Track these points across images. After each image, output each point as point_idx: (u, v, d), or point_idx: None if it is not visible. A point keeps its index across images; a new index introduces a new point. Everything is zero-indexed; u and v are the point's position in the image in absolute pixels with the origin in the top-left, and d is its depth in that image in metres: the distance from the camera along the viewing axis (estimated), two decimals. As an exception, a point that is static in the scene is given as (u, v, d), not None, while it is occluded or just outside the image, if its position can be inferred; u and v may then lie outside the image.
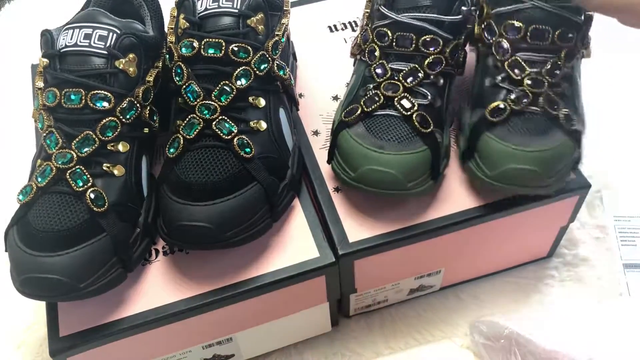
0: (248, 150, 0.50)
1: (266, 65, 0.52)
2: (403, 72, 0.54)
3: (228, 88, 0.51)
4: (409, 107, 0.52)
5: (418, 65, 0.54)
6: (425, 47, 0.54)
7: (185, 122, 0.51)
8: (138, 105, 0.51)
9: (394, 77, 0.54)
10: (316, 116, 0.63)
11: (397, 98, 0.53)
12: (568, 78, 0.54)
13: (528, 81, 0.52)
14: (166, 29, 0.58)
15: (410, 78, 0.54)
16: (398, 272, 0.59)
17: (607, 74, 0.81)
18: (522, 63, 0.53)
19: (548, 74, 0.52)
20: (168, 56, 0.54)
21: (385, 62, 0.54)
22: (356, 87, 0.56)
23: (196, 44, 0.51)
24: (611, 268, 0.66)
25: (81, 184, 0.48)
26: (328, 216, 0.55)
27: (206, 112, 0.50)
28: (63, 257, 0.46)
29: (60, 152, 0.48)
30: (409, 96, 0.53)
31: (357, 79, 0.57)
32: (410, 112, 0.52)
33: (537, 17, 0.52)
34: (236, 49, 0.51)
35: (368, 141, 0.52)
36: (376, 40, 0.55)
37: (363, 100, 0.54)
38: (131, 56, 0.51)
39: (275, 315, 0.57)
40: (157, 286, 0.52)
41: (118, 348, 0.51)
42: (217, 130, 0.50)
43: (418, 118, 0.52)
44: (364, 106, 0.53)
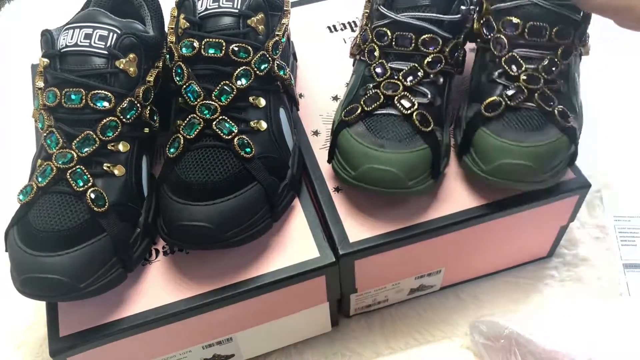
0: (248, 150, 0.50)
1: (266, 65, 0.52)
2: (403, 72, 0.54)
3: (228, 88, 0.51)
4: (409, 106, 0.52)
5: (418, 64, 0.54)
6: (424, 47, 0.54)
7: (185, 122, 0.51)
8: (138, 105, 0.51)
9: (394, 77, 0.54)
10: (316, 116, 0.63)
11: (397, 97, 0.53)
12: (565, 75, 0.54)
13: (524, 77, 0.52)
14: (166, 29, 0.58)
15: (410, 77, 0.54)
16: (398, 272, 0.59)
17: (607, 74, 0.81)
18: (519, 59, 0.53)
19: (544, 71, 0.53)
20: (168, 56, 0.54)
21: (384, 62, 0.54)
22: (356, 87, 0.56)
23: (196, 44, 0.51)
24: (611, 268, 0.66)
25: (81, 184, 0.48)
26: (328, 216, 0.55)
27: (206, 112, 0.50)
28: (63, 257, 0.46)
29: (60, 152, 0.48)
30: (409, 95, 0.53)
31: (357, 79, 0.57)
32: (410, 111, 0.52)
33: (535, 14, 0.53)
34: (236, 49, 0.51)
35: (368, 140, 0.52)
36: (376, 40, 0.55)
37: (363, 99, 0.54)
38: (131, 56, 0.51)
39: (275, 315, 0.57)
40: (157, 286, 0.52)
41: (118, 348, 0.51)
42: (218, 130, 0.50)
43: (418, 117, 0.52)
44: (364, 105, 0.53)
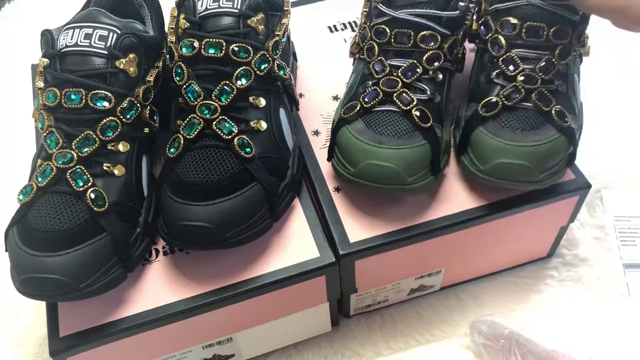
0: (248, 150, 0.50)
1: (266, 65, 0.52)
2: (402, 68, 0.54)
3: (228, 88, 0.51)
4: (408, 102, 0.52)
5: (416, 61, 0.54)
6: (423, 43, 0.54)
7: (185, 122, 0.51)
8: (138, 105, 0.51)
9: (393, 73, 0.54)
10: (316, 116, 0.63)
11: (396, 93, 0.53)
12: (563, 75, 0.54)
13: (521, 77, 0.52)
14: (166, 29, 0.58)
15: (409, 74, 0.54)
16: (398, 272, 0.59)
17: (607, 74, 0.81)
18: (516, 59, 0.53)
19: (541, 71, 0.53)
20: (168, 56, 0.53)
21: (383, 59, 0.54)
22: (355, 85, 0.56)
23: (196, 44, 0.51)
24: (611, 268, 0.66)
25: (81, 184, 0.48)
26: (329, 216, 0.55)
27: (206, 112, 0.50)
28: (63, 257, 0.46)
29: (60, 152, 0.48)
30: (408, 91, 0.53)
31: (356, 77, 0.57)
32: (409, 107, 0.52)
33: (533, 14, 0.53)
34: (236, 49, 0.51)
35: (367, 136, 0.51)
36: (374, 37, 0.55)
37: (362, 96, 0.54)
38: (131, 56, 0.51)
39: (275, 315, 0.57)
40: (157, 286, 0.52)
41: (118, 348, 0.51)
42: (218, 130, 0.50)
43: (417, 113, 0.52)
44: (363, 102, 0.53)
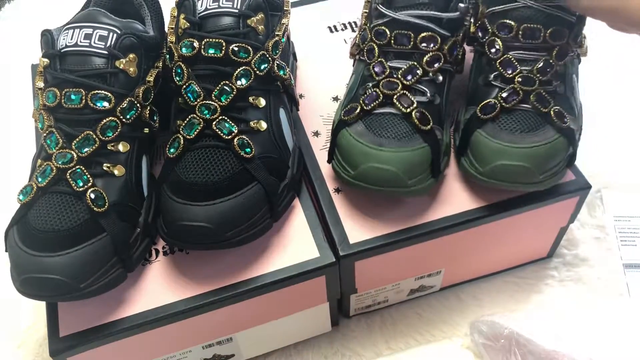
0: (248, 150, 0.50)
1: (266, 65, 0.52)
2: (402, 70, 0.54)
3: (228, 88, 0.51)
4: (408, 105, 0.52)
5: (416, 62, 0.54)
6: (423, 45, 0.54)
7: (185, 122, 0.51)
8: (138, 105, 0.51)
9: (393, 75, 0.54)
10: (316, 117, 0.63)
11: (396, 96, 0.53)
12: (561, 76, 0.54)
13: (519, 79, 0.52)
14: (166, 29, 0.58)
15: (409, 76, 0.54)
16: (398, 273, 0.59)
17: (607, 74, 0.81)
18: (514, 61, 0.53)
19: (539, 72, 0.53)
20: (168, 56, 0.53)
21: (383, 61, 0.54)
22: (355, 87, 0.56)
23: (196, 44, 0.51)
24: (611, 268, 0.66)
25: (81, 184, 0.48)
26: (329, 217, 0.55)
27: (206, 112, 0.50)
28: (63, 257, 0.46)
29: (60, 152, 0.48)
30: (408, 94, 0.53)
31: (356, 79, 0.57)
32: (409, 110, 0.52)
33: (529, 16, 0.53)
34: (236, 49, 0.51)
35: (367, 139, 0.51)
36: (375, 39, 0.55)
37: (362, 98, 0.54)
38: (131, 56, 0.51)
39: (275, 315, 0.57)
40: (157, 286, 0.52)
41: (118, 348, 0.51)
42: (218, 130, 0.50)
43: (417, 115, 0.52)
44: (363, 104, 0.53)
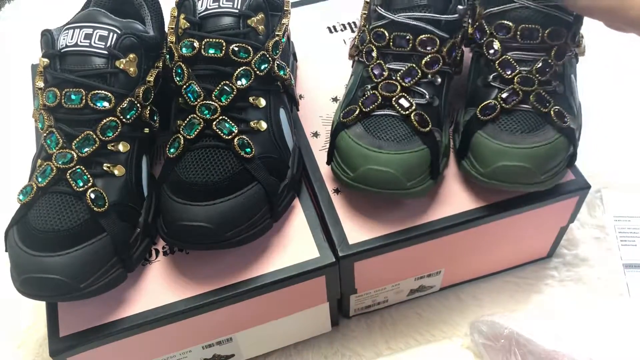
0: (248, 150, 0.50)
1: (266, 65, 0.52)
2: (400, 72, 0.54)
3: (228, 88, 0.51)
4: (407, 107, 0.52)
5: (415, 64, 0.54)
6: (422, 47, 0.54)
7: (185, 122, 0.51)
8: (138, 105, 0.51)
9: (392, 77, 0.54)
10: (316, 118, 0.63)
11: (395, 98, 0.53)
12: (560, 76, 0.54)
13: (518, 79, 0.52)
14: (166, 29, 0.58)
15: (407, 78, 0.54)
16: (398, 273, 0.59)
17: (607, 74, 0.81)
18: (512, 62, 0.53)
19: (538, 72, 0.53)
20: (168, 56, 0.54)
21: (382, 63, 0.54)
22: (354, 88, 0.56)
23: (196, 44, 0.51)
24: (611, 268, 0.66)
25: (81, 184, 0.48)
26: (328, 218, 0.55)
27: (206, 112, 0.50)
28: (63, 257, 0.46)
29: (60, 152, 0.48)
30: (407, 96, 0.53)
31: (355, 80, 0.57)
32: (408, 112, 0.52)
33: (527, 17, 0.53)
34: (236, 49, 0.51)
35: (367, 141, 0.52)
36: (373, 40, 0.55)
37: (361, 100, 0.54)
38: (131, 56, 0.51)
39: (275, 315, 0.57)
40: (157, 286, 0.52)
41: (118, 348, 0.51)
42: (218, 130, 0.50)
43: (416, 117, 0.52)
44: (362, 106, 0.53)
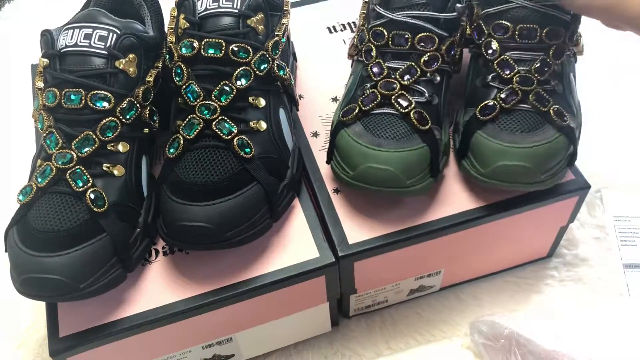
0: (248, 150, 0.50)
1: (266, 65, 0.52)
2: (400, 70, 0.54)
3: (228, 88, 0.51)
4: (406, 105, 0.52)
5: (414, 63, 0.54)
6: (421, 45, 0.54)
7: (185, 122, 0.51)
8: (138, 105, 0.51)
9: (391, 76, 0.54)
10: (315, 118, 0.63)
11: (394, 96, 0.53)
12: (559, 75, 0.54)
13: (517, 79, 0.52)
14: (166, 29, 0.58)
15: (406, 76, 0.54)
16: (398, 273, 0.59)
17: (606, 74, 0.81)
18: (511, 62, 0.53)
19: (537, 72, 0.53)
20: (168, 56, 0.53)
21: (381, 61, 0.54)
22: (354, 88, 0.56)
23: (196, 44, 0.51)
24: (611, 268, 0.66)
25: (81, 184, 0.48)
26: (328, 218, 0.55)
27: (206, 112, 0.50)
28: (63, 258, 0.46)
29: (60, 152, 0.48)
30: (406, 94, 0.53)
31: (355, 79, 0.57)
32: (407, 110, 0.52)
33: (525, 16, 0.53)
34: (236, 49, 0.51)
35: (366, 139, 0.52)
36: (372, 39, 0.55)
37: (360, 99, 0.54)
38: (131, 56, 0.51)
39: (275, 315, 0.57)
40: (157, 286, 0.52)
41: (118, 348, 0.51)
42: (217, 130, 0.50)
43: (416, 115, 0.52)
44: (362, 105, 0.53)
